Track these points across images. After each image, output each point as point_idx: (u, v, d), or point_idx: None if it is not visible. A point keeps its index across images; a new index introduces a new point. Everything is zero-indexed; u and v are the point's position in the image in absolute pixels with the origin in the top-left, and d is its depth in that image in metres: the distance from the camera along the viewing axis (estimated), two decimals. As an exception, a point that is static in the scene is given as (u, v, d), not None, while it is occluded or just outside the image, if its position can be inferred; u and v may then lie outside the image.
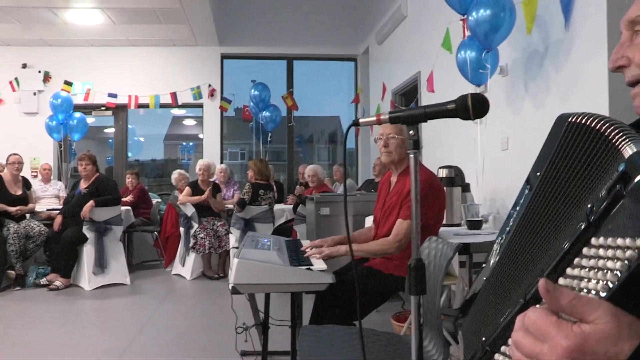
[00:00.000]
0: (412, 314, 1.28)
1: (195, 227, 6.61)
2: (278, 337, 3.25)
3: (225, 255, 6.74)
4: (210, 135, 8.88)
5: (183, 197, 6.73)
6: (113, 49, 8.59)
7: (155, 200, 8.11)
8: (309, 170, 6.68)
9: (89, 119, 8.38)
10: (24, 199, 6.41)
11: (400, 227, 2.78)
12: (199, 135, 9.48)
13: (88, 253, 5.96)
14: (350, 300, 2.58)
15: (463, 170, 4.11)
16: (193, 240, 6.53)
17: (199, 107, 8.94)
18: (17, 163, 6.41)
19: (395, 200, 2.93)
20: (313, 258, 2.58)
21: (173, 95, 8.60)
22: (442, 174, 3.97)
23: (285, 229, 6.67)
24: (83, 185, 6.18)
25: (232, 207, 6.76)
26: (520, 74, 3.97)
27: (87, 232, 5.96)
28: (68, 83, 8.37)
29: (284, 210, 7.07)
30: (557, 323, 0.57)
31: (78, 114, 7.84)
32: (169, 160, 14.41)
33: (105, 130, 10.66)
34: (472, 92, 1.86)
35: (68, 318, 4.85)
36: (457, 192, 3.95)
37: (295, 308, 2.72)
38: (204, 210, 6.68)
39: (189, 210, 6.64)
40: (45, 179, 7.70)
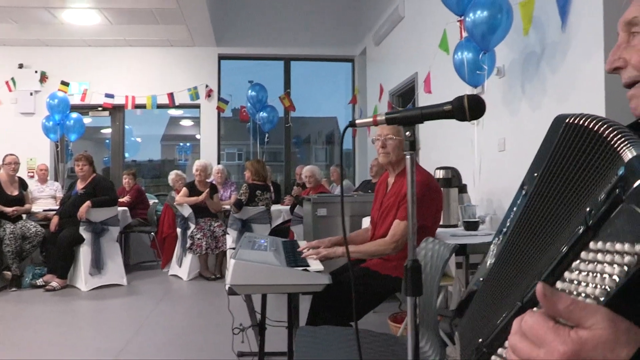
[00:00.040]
0: (408, 315, 1.28)
1: (192, 227, 6.60)
2: (275, 338, 3.24)
3: (222, 256, 6.73)
4: (208, 136, 8.88)
5: (180, 197, 6.72)
6: (110, 49, 8.58)
7: (152, 201, 8.10)
8: (306, 171, 6.68)
9: (86, 120, 8.37)
10: (21, 200, 6.39)
11: (397, 227, 2.79)
12: (196, 136, 9.47)
13: (85, 254, 5.95)
14: (347, 301, 2.57)
15: (460, 171, 4.11)
16: (190, 241, 6.52)
17: (196, 107, 8.93)
18: (13, 163, 6.40)
19: (393, 201, 2.93)
20: (310, 259, 2.58)
21: (170, 96, 8.59)
22: (439, 175, 3.97)
23: (283, 230, 6.66)
24: (80, 186, 6.17)
25: (229, 207, 6.75)
26: (517, 75, 3.98)
27: (83, 232, 5.95)
28: (65, 83, 8.35)
29: (281, 211, 7.07)
30: (554, 328, 0.57)
31: (75, 115, 7.83)
32: (166, 161, 14.38)
33: (102, 131, 10.63)
34: (469, 93, 1.86)
35: (64, 319, 4.83)
36: (454, 193, 3.95)
37: (292, 309, 2.72)
38: (201, 211, 6.67)
39: (186, 211, 6.64)
40: (42, 180, 7.68)
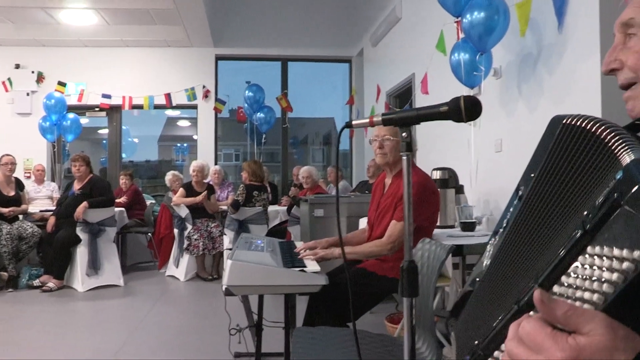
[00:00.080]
0: (404, 316, 1.28)
1: (189, 228, 6.60)
2: (271, 338, 3.25)
3: (219, 257, 6.73)
4: (205, 137, 8.87)
5: (177, 198, 6.72)
6: (107, 50, 8.57)
7: (149, 202, 8.09)
8: (303, 172, 6.68)
9: (83, 120, 8.35)
10: (17, 200, 6.39)
11: (394, 228, 2.79)
12: (194, 137, 9.47)
13: (81, 254, 5.94)
14: (344, 302, 2.59)
15: (457, 172, 4.12)
16: (187, 242, 6.52)
17: (193, 108, 8.92)
18: (10, 164, 6.39)
19: (390, 202, 2.93)
20: (307, 260, 2.58)
21: (167, 96, 8.59)
22: (436, 176, 3.98)
23: (280, 231, 6.67)
24: (76, 186, 6.16)
25: (226, 208, 6.75)
26: (514, 77, 3.99)
27: (80, 233, 5.93)
28: (62, 84, 8.33)
29: (278, 212, 7.07)
30: (552, 334, 0.57)
31: (72, 115, 7.81)
32: (163, 162, 14.36)
33: (99, 131, 10.62)
34: (465, 94, 1.87)
35: (61, 320, 4.83)
36: (450, 193, 3.96)
37: (289, 309, 2.72)
38: (198, 212, 6.66)
39: (183, 212, 6.63)
40: (39, 180, 7.66)
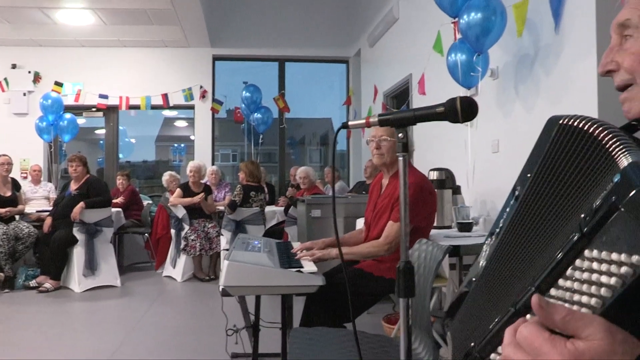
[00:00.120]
0: (400, 316, 1.28)
1: (186, 229, 6.59)
2: (268, 339, 3.24)
3: (216, 257, 6.72)
4: (202, 137, 8.87)
5: (174, 198, 6.71)
6: (104, 50, 8.56)
7: (146, 202, 8.08)
8: (301, 172, 6.68)
9: (80, 120, 8.34)
10: (13, 201, 6.37)
11: (391, 229, 2.79)
12: (191, 137, 9.46)
13: (78, 255, 5.93)
14: (341, 302, 2.59)
15: (454, 173, 4.13)
16: (184, 242, 6.51)
17: (191, 108, 8.92)
18: (6, 164, 6.37)
19: (387, 203, 2.93)
20: (304, 260, 2.58)
21: (164, 97, 8.58)
22: (433, 176, 3.98)
23: (277, 231, 6.66)
24: (73, 187, 6.15)
25: (223, 209, 6.75)
26: (511, 77, 4.00)
27: (77, 233, 5.92)
28: (58, 84, 8.32)
29: (275, 212, 7.07)
30: (550, 339, 0.57)
31: (68, 115, 7.81)
32: (160, 162, 14.35)
33: (96, 132, 10.61)
34: (462, 94, 1.87)
35: (58, 320, 4.81)
36: (447, 194, 3.96)
37: (286, 310, 2.72)
38: (195, 212, 6.66)
39: (180, 212, 6.63)
40: (35, 180, 7.65)
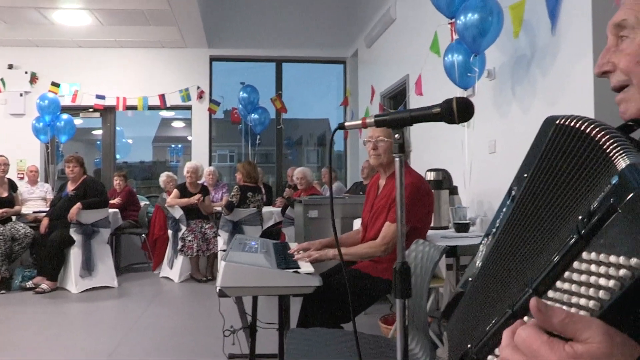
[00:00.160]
0: (397, 317, 1.28)
1: (184, 229, 6.58)
2: (265, 339, 3.24)
3: (214, 258, 6.71)
4: (199, 138, 8.87)
5: (171, 199, 6.70)
6: (101, 50, 8.55)
7: (144, 203, 8.07)
8: (298, 173, 6.68)
9: (77, 121, 8.33)
10: (10, 201, 6.35)
11: (388, 230, 2.79)
12: (188, 138, 9.45)
13: (75, 256, 5.91)
14: (338, 303, 2.59)
15: (451, 173, 4.13)
16: (181, 243, 6.51)
17: (188, 109, 8.91)
18: (3, 165, 6.36)
19: (384, 203, 2.93)
20: (300, 261, 2.58)
21: (161, 97, 8.57)
22: (430, 177, 3.99)
23: (274, 232, 6.66)
24: (70, 188, 6.14)
25: (220, 209, 6.74)
26: (508, 78, 4.00)
27: (74, 234, 5.91)
28: (55, 84, 8.31)
29: (273, 213, 7.06)
30: (548, 342, 0.56)
31: (65, 116, 7.79)
32: (158, 163, 14.31)
33: (93, 132, 10.58)
34: (459, 95, 1.87)
35: (54, 321, 4.80)
36: (444, 195, 3.97)
37: (283, 311, 2.72)
38: (192, 213, 6.65)
39: (177, 213, 6.62)
40: (32, 181, 7.63)
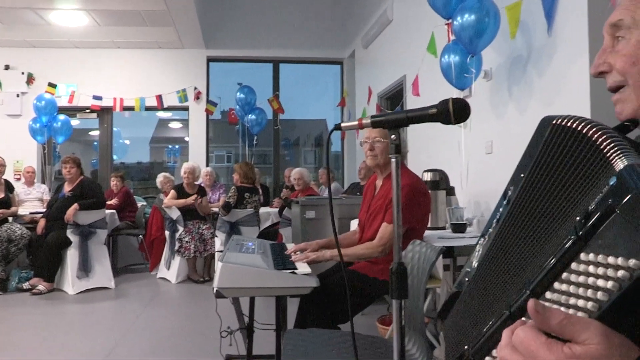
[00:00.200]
0: (393, 318, 1.28)
1: (181, 230, 6.58)
2: (263, 340, 3.24)
3: (211, 259, 6.71)
4: (196, 138, 8.85)
5: (168, 200, 6.70)
6: (98, 51, 8.54)
7: (141, 204, 8.06)
8: (295, 174, 6.68)
9: (74, 122, 8.31)
10: (6, 202, 6.34)
11: (385, 231, 2.79)
12: (185, 138, 9.44)
13: (72, 257, 5.90)
14: (334, 304, 2.59)
15: (448, 174, 4.13)
16: (178, 244, 6.50)
17: (185, 110, 8.90)
18: (-1, 166, 6.35)
19: (381, 204, 2.93)
20: (298, 262, 2.58)
21: (159, 98, 8.56)
22: (427, 178, 3.99)
23: (271, 233, 6.66)
24: (67, 188, 6.13)
25: (217, 210, 6.74)
26: (504, 79, 4.01)
27: (71, 235, 5.90)
28: (52, 85, 8.29)
29: (270, 214, 7.06)
30: (546, 343, 0.56)
31: (62, 117, 7.78)
32: (155, 163, 14.31)
33: (90, 133, 10.56)
34: (456, 96, 1.87)
35: (51, 322, 4.79)
36: (441, 195, 3.97)
37: (280, 312, 2.72)
38: (190, 214, 6.65)
39: (174, 214, 6.61)
40: (29, 182, 7.62)
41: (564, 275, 0.62)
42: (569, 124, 0.68)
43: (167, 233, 6.83)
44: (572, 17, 3.18)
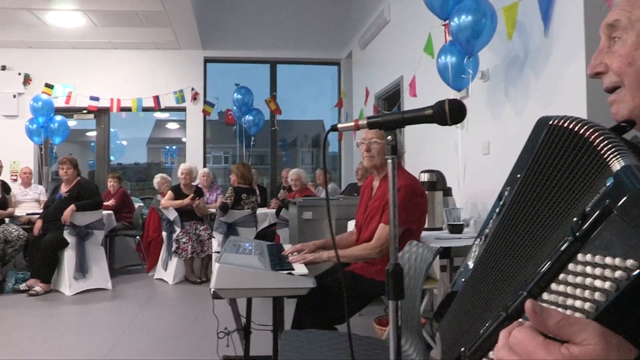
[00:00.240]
0: (390, 318, 1.28)
1: (178, 231, 6.57)
2: (260, 341, 3.24)
3: (208, 260, 6.70)
4: (193, 139, 8.85)
5: (165, 201, 6.69)
6: (95, 52, 8.53)
7: (138, 205, 8.05)
8: (292, 174, 6.68)
9: (71, 122, 8.31)
10: (3, 203, 6.33)
11: (382, 231, 2.79)
12: (182, 139, 9.44)
13: (69, 258, 5.89)
14: (332, 305, 2.59)
15: (445, 175, 4.14)
16: (175, 245, 6.49)
17: (182, 110, 8.90)
18: (-4, 167, 6.34)
19: (378, 205, 2.93)
20: (295, 263, 2.58)
21: (156, 99, 8.55)
22: (423, 178, 3.99)
23: (268, 233, 6.65)
24: (64, 189, 6.11)
25: (214, 211, 6.73)
26: (501, 79, 4.01)
27: (67, 236, 5.89)
28: (49, 86, 8.28)
29: (267, 215, 7.06)
30: (544, 344, 0.56)
31: (59, 117, 7.77)
32: (152, 164, 14.31)
33: (87, 134, 10.57)
34: (453, 97, 1.88)
35: (48, 323, 4.78)
36: (438, 196, 3.97)
37: (277, 312, 2.72)
38: (187, 215, 6.64)
39: (172, 215, 6.60)
40: (26, 183, 7.60)
41: (561, 276, 0.61)
42: (566, 125, 0.68)
43: (164, 234, 6.82)
44: (568, 18, 3.19)
